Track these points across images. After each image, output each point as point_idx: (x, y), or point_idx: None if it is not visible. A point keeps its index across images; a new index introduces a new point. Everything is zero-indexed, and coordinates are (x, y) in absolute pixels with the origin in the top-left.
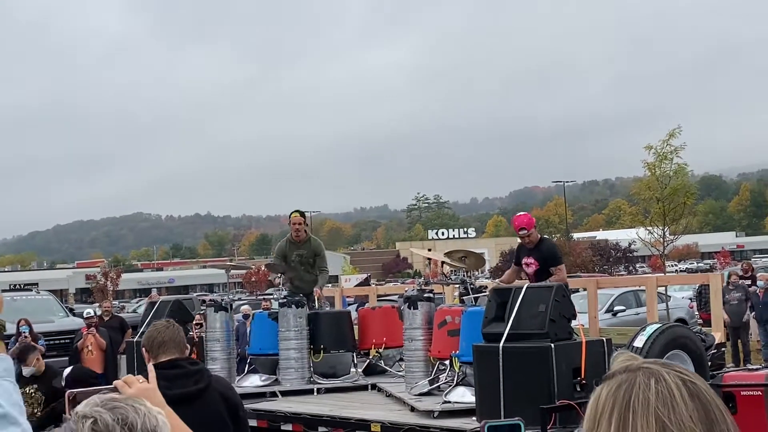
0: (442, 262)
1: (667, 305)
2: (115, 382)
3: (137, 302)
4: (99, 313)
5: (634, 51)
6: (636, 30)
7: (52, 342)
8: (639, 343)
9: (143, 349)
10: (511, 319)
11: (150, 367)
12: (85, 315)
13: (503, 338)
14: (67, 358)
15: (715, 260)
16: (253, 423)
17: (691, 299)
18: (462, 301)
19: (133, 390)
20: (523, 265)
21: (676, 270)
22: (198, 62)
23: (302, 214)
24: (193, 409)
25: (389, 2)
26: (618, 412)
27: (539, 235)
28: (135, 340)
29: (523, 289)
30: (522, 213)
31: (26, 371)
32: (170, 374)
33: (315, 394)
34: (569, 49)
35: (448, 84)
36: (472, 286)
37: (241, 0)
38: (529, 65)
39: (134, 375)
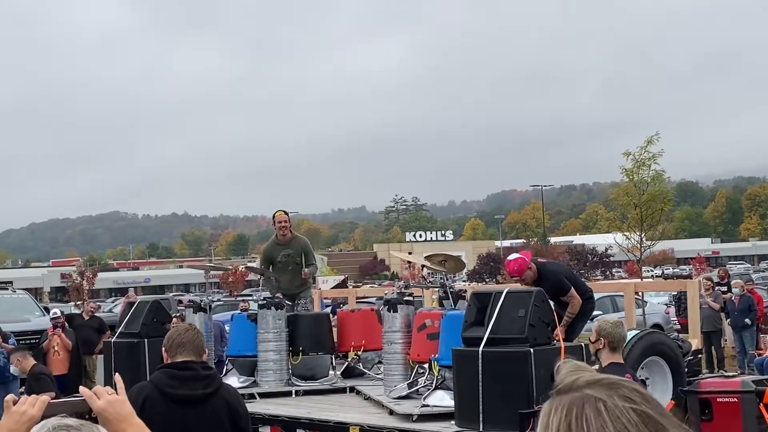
0: (422, 266)
1: (643, 310)
2: (82, 390)
3: (113, 302)
4: (79, 311)
5: (615, 59)
6: (619, 39)
7: (27, 341)
8: None
9: (162, 348)
10: (491, 323)
11: (117, 377)
12: (51, 315)
13: (483, 342)
14: None
15: (691, 266)
16: None
17: (667, 305)
18: (441, 305)
19: (102, 402)
20: None
21: (652, 275)
22: (183, 60)
23: (286, 213)
24: (195, 412)
25: (382, 3)
26: None
27: (536, 268)
28: (113, 341)
29: (503, 294)
30: (512, 257)
31: (12, 370)
32: (180, 375)
33: (293, 396)
34: (552, 57)
35: (432, 87)
36: (451, 289)
37: None
38: (513, 71)
39: (111, 374)
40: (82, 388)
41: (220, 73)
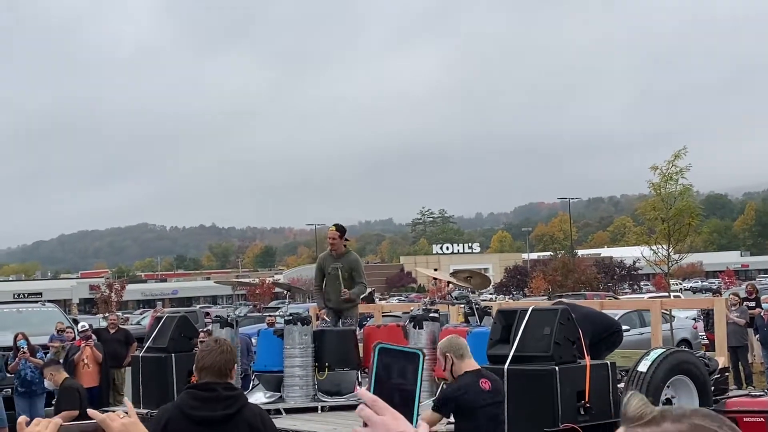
0: (448, 282)
1: (671, 326)
2: (91, 413)
3: (141, 314)
4: (105, 325)
5: (644, 71)
6: (648, 51)
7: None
8: (643, 368)
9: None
10: (516, 341)
11: (125, 400)
12: (79, 328)
13: (508, 360)
14: None
15: (720, 279)
16: None
17: (695, 319)
18: (467, 321)
19: (117, 425)
20: None
21: (681, 288)
22: (214, 73)
23: (339, 228)
24: None
25: (410, 16)
26: None
27: None
28: (140, 355)
29: (529, 312)
30: None
31: (47, 385)
32: (202, 396)
33: (319, 411)
34: (580, 69)
35: (459, 99)
36: (477, 306)
37: (266, 12)
38: (541, 83)
39: (139, 388)
40: (91, 412)
41: (249, 87)
